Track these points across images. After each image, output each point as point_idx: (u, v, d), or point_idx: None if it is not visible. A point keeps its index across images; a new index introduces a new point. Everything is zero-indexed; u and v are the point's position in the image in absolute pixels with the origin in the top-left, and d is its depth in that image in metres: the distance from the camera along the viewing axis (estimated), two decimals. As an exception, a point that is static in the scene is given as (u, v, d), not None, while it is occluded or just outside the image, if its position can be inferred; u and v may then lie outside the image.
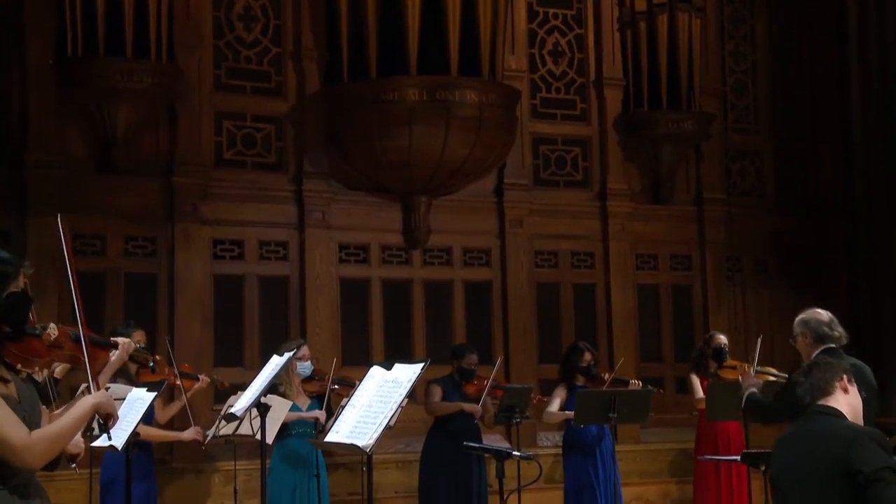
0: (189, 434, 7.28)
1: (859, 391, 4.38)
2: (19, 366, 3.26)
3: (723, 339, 8.86)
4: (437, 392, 8.25)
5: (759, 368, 8.45)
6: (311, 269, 9.74)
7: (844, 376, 4.31)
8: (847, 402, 4.27)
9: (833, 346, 5.85)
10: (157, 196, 9.24)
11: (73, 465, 3.59)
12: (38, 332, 3.41)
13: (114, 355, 3.67)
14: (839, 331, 5.91)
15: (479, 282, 10.47)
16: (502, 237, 10.50)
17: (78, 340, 3.56)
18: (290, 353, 5.61)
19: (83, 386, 3.55)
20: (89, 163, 9.12)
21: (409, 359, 4.93)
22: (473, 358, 8.34)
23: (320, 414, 7.54)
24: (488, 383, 8.18)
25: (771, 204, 11.78)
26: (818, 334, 5.83)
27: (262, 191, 9.66)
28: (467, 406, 8.14)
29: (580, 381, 8.64)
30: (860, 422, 4.24)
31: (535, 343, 10.53)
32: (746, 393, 6.55)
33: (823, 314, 5.92)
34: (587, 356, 8.71)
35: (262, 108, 9.82)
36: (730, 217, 11.43)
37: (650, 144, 11.08)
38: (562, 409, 8.49)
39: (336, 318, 9.83)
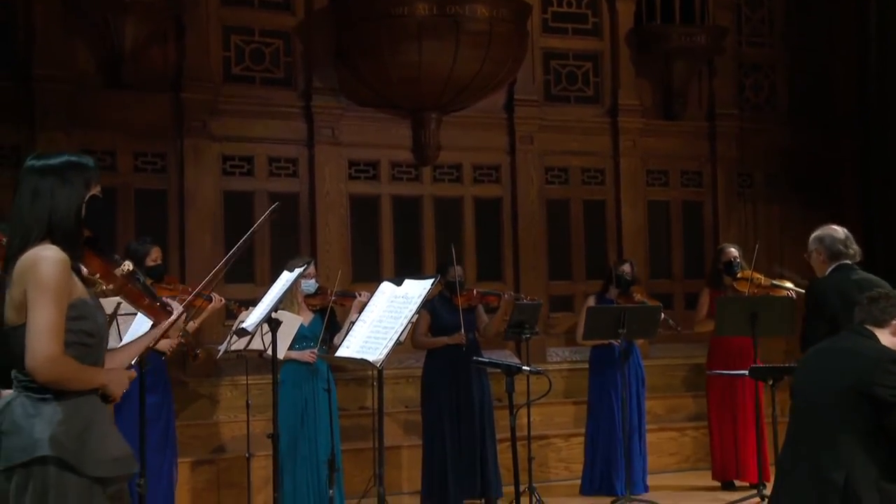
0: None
1: None
2: (98, 276, 3.30)
3: (733, 251, 8.86)
4: (423, 322, 8.17)
5: (775, 282, 8.50)
6: (320, 186, 9.74)
7: None
8: (892, 341, 4.26)
9: (847, 262, 5.83)
10: (166, 112, 9.22)
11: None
12: (116, 259, 3.51)
13: (166, 322, 3.68)
14: (854, 248, 5.90)
15: (489, 198, 10.47)
16: (512, 154, 10.47)
17: (146, 291, 3.61)
18: (301, 269, 5.64)
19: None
20: (97, 77, 9.07)
21: (418, 275, 4.95)
22: (458, 270, 8.31)
23: (311, 357, 7.55)
24: (476, 293, 8.18)
25: (784, 119, 11.70)
26: (833, 251, 5.81)
27: (271, 107, 9.63)
28: (448, 339, 8.12)
29: (612, 293, 8.67)
30: None
31: (544, 260, 10.56)
32: None
33: (839, 231, 5.90)
34: (625, 267, 8.77)
35: (270, 22, 9.74)
36: (742, 133, 11.36)
37: (662, 59, 10.98)
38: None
39: (346, 234, 9.86)
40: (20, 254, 3.08)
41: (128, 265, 3.64)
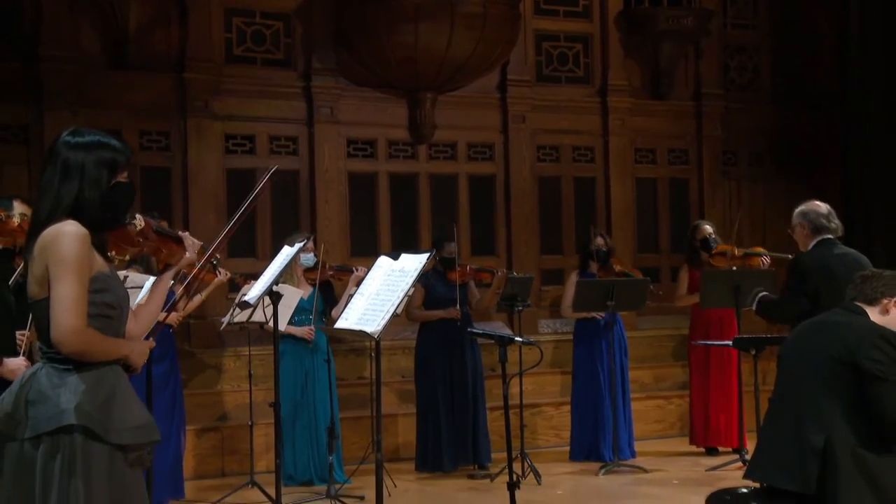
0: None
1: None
2: (113, 252, 3.30)
3: (708, 228, 8.86)
4: (417, 296, 8.19)
5: (747, 251, 8.53)
6: (320, 164, 9.73)
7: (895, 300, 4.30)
8: (881, 319, 4.27)
9: (829, 237, 5.85)
10: (169, 92, 9.19)
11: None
12: (127, 221, 3.50)
13: (190, 253, 3.70)
14: (836, 223, 5.91)
15: (482, 176, 10.46)
16: (505, 132, 10.46)
17: (159, 233, 3.68)
18: (301, 244, 5.64)
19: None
20: (103, 58, 9.05)
21: (415, 250, 4.94)
22: (452, 247, 8.33)
23: (309, 334, 7.55)
24: (470, 269, 8.18)
25: (767, 99, 11.68)
26: (815, 225, 5.83)
27: (271, 87, 9.61)
28: (443, 313, 8.14)
29: (593, 268, 8.66)
30: None
31: (536, 235, 10.57)
32: (757, 296, 6.52)
33: (822, 206, 5.91)
34: (598, 240, 8.73)
35: (271, 4, 9.69)
36: (727, 112, 11.36)
37: (650, 41, 10.96)
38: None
39: (345, 210, 9.85)
40: (45, 227, 3.06)
41: (139, 219, 3.63)
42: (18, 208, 5.04)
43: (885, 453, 4.07)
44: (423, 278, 8.14)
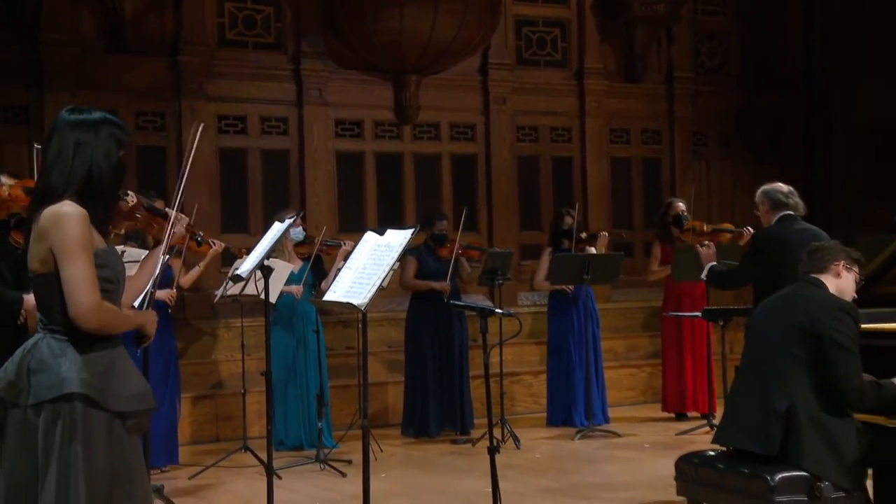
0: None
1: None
2: (105, 226, 3.29)
3: (680, 205, 8.87)
4: (411, 266, 8.22)
5: (715, 227, 8.56)
6: (309, 143, 9.70)
7: (843, 262, 4.36)
8: (836, 283, 4.35)
9: (790, 213, 5.91)
10: (164, 74, 9.15)
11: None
12: (122, 197, 3.48)
13: (178, 228, 3.68)
14: (796, 200, 5.97)
15: (464, 155, 10.45)
16: (486, 113, 10.45)
17: (150, 210, 3.65)
18: (291, 220, 5.63)
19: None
20: (100, 42, 9.00)
21: (400, 225, 4.94)
22: (444, 224, 8.36)
23: (297, 290, 7.56)
24: (458, 245, 8.20)
25: (735, 82, 11.70)
26: (776, 201, 5.90)
27: (262, 70, 9.57)
28: (437, 284, 8.15)
29: (565, 244, 8.66)
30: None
31: (516, 212, 10.57)
32: (707, 267, 6.64)
33: (783, 186, 5.98)
34: (567, 220, 8.72)
35: (262, -10, 9.65)
36: (697, 95, 11.38)
37: (625, 26, 10.96)
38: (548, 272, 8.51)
39: (333, 188, 9.84)
40: (57, 199, 3.03)
41: (131, 196, 3.61)
42: (7, 181, 4.98)
43: (844, 417, 4.12)
44: (416, 252, 8.19)
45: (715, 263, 6.65)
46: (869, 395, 4.05)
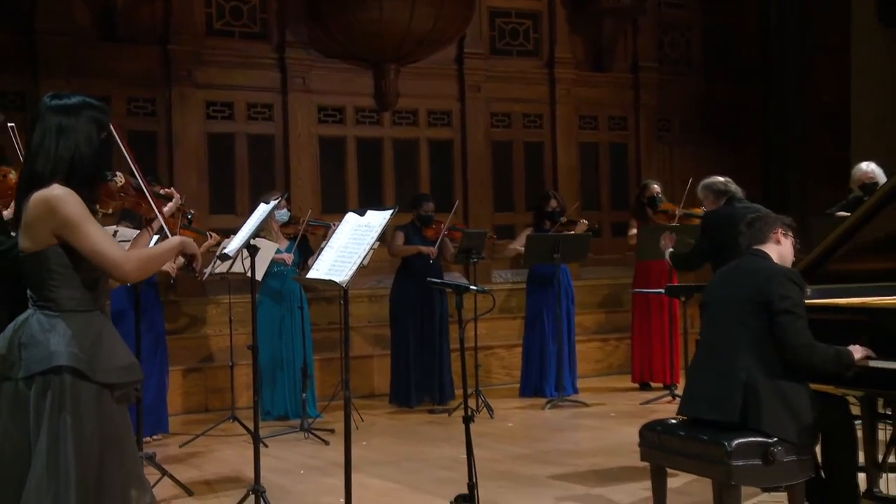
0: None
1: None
2: (97, 206, 3.25)
3: (656, 187, 8.90)
4: (399, 237, 8.27)
5: (687, 211, 8.59)
6: (293, 129, 9.65)
7: (780, 229, 4.41)
8: (777, 250, 4.39)
9: (731, 195, 6.14)
10: (155, 62, 9.07)
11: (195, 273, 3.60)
12: (108, 178, 3.46)
13: (168, 207, 3.64)
14: (734, 186, 6.31)
15: (441, 140, 10.42)
16: (462, 101, 10.42)
17: (139, 189, 3.58)
18: (276, 201, 5.59)
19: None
20: (93, 31, 8.91)
21: (379, 206, 4.92)
22: (430, 205, 8.37)
23: (287, 257, 7.57)
24: (444, 226, 8.19)
25: (697, 72, 11.73)
26: (716, 191, 6.22)
27: (248, 58, 9.50)
28: (424, 248, 8.18)
29: (547, 225, 8.66)
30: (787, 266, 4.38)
31: (490, 194, 10.57)
32: (667, 253, 6.85)
33: (718, 177, 6.23)
34: (552, 202, 8.74)
35: (248, -18, 9.57)
36: (661, 83, 11.39)
37: (593, 18, 10.95)
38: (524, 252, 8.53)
39: (316, 171, 9.79)
40: (45, 183, 2.99)
41: (119, 176, 3.57)
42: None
43: (798, 382, 4.15)
44: (404, 228, 8.20)
45: (672, 249, 6.83)
46: (818, 349, 4.09)
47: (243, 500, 4.70)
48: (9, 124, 4.29)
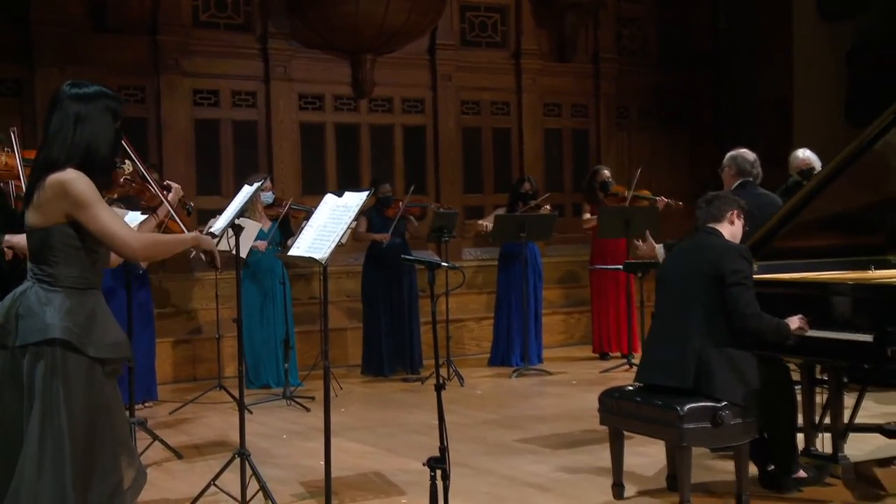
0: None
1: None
2: (102, 192, 3.21)
3: (606, 172, 8.92)
4: (363, 223, 8.18)
5: (635, 193, 8.61)
6: (275, 115, 9.59)
7: (735, 211, 4.43)
8: (730, 230, 4.43)
9: (750, 179, 5.70)
10: (144, 52, 8.98)
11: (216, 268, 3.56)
12: (118, 165, 3.39)
13: (171, 197, 3.59)
14: (758, 170, 5.70)
15: (415, 126, 10.39)
16: (434, 89, 10.39)
17: (144, 178, 3.54)
18: (259, 184, 5.54)
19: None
20: (86, 21, 8.81)
21: (356, 188, 4.90)
22: (386, 187, 8.38)
23: (261, 244, 7.49)
24: (402, 204, 8.15)
25: (653, 62, 11.75)
26: (740, 168, 5.55)
27: (233, 48, 9.42)
28: (377, 236, 8.13)
29: (520, 207, 8.65)
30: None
31: (461, 177, 10.57)
32: (658, 248, 6.50)
33: (750, 154, 5.63)
34: (526, 185, 8.75)
35: (232, -24, 9.47)
36: (620, 73, 11.40)
37: (557, 12, 10.94)
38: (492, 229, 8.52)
39: (297, 155, 9.75)
40: (60, 168, 2.93)
41: (128, 164, 3.52)
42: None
43: (747, 350, 4.20)
44: (367, 212, 8.16)
45: (660, 245, 6.57)
46: (765, 318, 4.14)
47: (229, 463, 4.68)
48: (11, 129, 4.21)
